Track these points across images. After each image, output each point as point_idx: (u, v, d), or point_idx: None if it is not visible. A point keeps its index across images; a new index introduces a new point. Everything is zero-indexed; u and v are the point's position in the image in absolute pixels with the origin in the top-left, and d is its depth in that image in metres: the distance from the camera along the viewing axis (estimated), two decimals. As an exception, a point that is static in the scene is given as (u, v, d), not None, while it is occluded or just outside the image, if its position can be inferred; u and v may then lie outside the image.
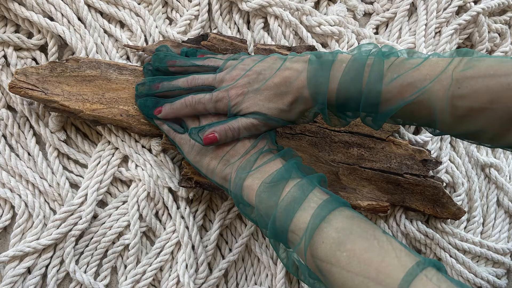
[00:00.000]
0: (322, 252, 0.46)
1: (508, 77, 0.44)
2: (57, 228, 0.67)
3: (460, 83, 0.47)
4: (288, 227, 0.49)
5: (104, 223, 0.69)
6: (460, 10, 0.82)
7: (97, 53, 0.71)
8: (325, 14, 0.80)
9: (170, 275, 0.70)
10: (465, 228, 0.77)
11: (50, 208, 0.69)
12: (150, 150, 0.71)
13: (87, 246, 0.69)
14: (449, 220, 0.75)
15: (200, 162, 0.61)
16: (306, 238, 0.47)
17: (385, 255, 0.43)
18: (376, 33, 0.83)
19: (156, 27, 0.74)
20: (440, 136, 0.77)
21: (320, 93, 0.54)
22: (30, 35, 0.73)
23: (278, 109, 0.57)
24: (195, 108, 0.61)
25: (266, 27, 0.78)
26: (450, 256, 0.73)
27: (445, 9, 0.81)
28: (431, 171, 0.73)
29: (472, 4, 0.81)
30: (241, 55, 0.64)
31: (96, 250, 0.69)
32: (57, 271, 0.67)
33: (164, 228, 0.71)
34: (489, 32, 0.81)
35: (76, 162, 0.71)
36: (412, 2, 0.82)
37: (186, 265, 0.69)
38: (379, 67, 0.51)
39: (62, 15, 0.71)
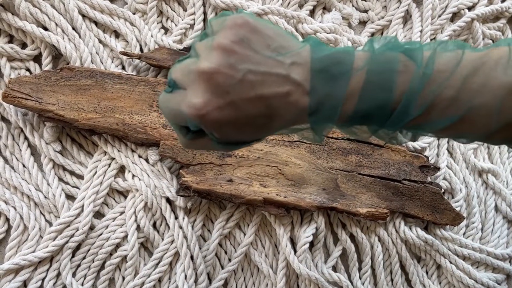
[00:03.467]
0: None
1: None
2: (53, 240, 0.66)
3: None
4: None
5: (101, 234, 0.68)
6: (455, 17, 0.83)
7: (92, 62, 0.70)
8: (320, 22, 0.80)
9: (169, 286, 0.69)
10: (464, 234, 0.77)
11: (46, 220, 0.68)
12: (147, 160, 0.70)
13: (84, 258, 0.68)
14: (448, 226, 0.74)
15: None
16: None
17: None
18: (372, 40, 0.83)
19: (152, 36, 0.73)
20: (437, 143, 0.77)
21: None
22: (24, 46, 0.72)
23: None
24: None
25: (262, 35, 0.77)
26: (450, 262, 0.73)
27: (439, 16, 0.81)
28: (429, 177, 0.73)
29: (466, 11, 0.82)
30: None
31: (93, 262, 0.68)
32: (54, 284, 0.66)
33: (162, 239, 0.70)
34: (483, 38, 0.82)
35: (72, 173, 0.70)
36: (407, 10, 0.82)
37: (185, 276, 0.68)
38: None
39: (56, 24, 0.70)
